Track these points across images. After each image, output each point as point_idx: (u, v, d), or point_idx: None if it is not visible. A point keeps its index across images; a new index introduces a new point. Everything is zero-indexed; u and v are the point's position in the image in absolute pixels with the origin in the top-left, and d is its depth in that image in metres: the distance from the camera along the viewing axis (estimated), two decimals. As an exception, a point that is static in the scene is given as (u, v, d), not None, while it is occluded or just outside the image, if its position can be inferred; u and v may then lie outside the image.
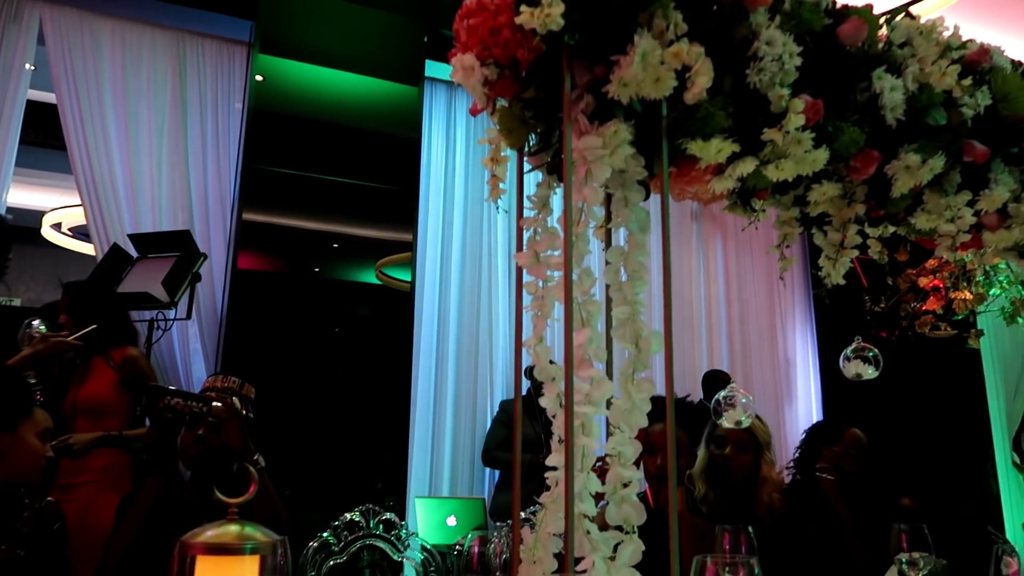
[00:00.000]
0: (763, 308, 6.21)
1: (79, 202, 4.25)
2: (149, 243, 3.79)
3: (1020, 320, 5.28)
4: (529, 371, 1.45)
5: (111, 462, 2.81)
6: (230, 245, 4.39)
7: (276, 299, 6.44)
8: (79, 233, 6.86)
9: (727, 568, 0.93)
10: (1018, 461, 6.31)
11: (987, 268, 4.96)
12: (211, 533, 1.08)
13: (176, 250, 3.64)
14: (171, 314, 3.64)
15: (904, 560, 1.81)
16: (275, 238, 6.79)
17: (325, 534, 2.28)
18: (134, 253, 3.79)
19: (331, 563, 2.21)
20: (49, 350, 2.72)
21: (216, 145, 4.53)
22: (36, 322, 3.03)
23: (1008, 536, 4.95)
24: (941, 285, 5.39)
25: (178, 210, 4.35)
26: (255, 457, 1.78)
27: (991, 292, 5.25)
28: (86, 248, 4.89)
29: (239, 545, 1.01)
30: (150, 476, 1.79)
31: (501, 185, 1.57)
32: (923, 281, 5.45)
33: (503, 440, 4.37)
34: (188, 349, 4.22)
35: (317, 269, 7.72)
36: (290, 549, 1.58)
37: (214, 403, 1.80)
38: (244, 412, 1.88)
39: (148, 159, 4.33)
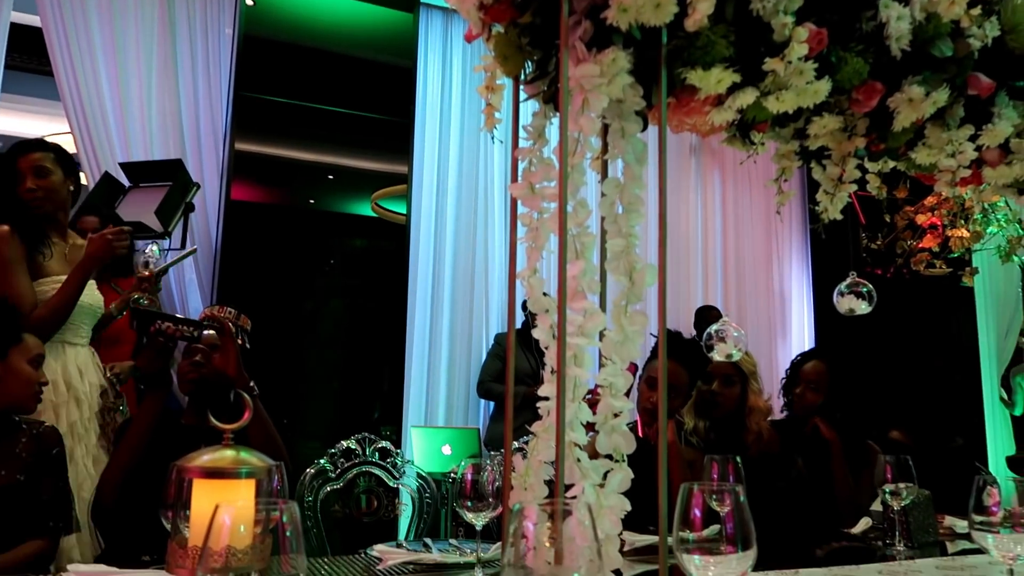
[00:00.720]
0: (759, 243, 6.20)
1: (68, 129, 4.18)
2: (141, 172, 3.74)
3: (1015, 258, 5.30)
4: (525, 304, 1.46)
5: None
6: (223, 175, 4.34)
7: (271, 231, 6.41)
8: (70, 162, 6.76)
9: (713, 495, 0.95)
10: (1005, 397, 6.43)
11: (985, 206, 4.93)
12: (207, 457, 1.10)
13: (168, 179, 3.60)
14: (166, 244, 3.62)
15: (888, 490, 1.86)
16: (269, 169, 6.72)
17: (322, 461, 2.32)
18: (126, 182, 3.75)
19: (328, 489, 2.26)
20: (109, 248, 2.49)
21: (207, 72, 4.43)
22: (151, 247, 3.02)
23: (991, 469, 5.08)
24: (939, 223, 5.38)
25: (169, 139, 4.28)
26: (250, 384, 1.80)
27: (988, 230, 5.24)
28: (77, 177, 4.84)
29: (235, 469, 1.03)
30: (147, 398, 1.81)
31: (497, 115, 1.55)
32: (921, 219, 5.43)
33: (499, 372, 4.42)
34: (184, 280, 4.23)
35: (312, 201, 7.67)
36: (287, 475, 1.62)
37: (207, 330, 1.80)
38: (240, 342, 1.89)
39: (137, 85, 4.25)
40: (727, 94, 1.35)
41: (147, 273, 2.92)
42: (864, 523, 2.15)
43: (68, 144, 4.41)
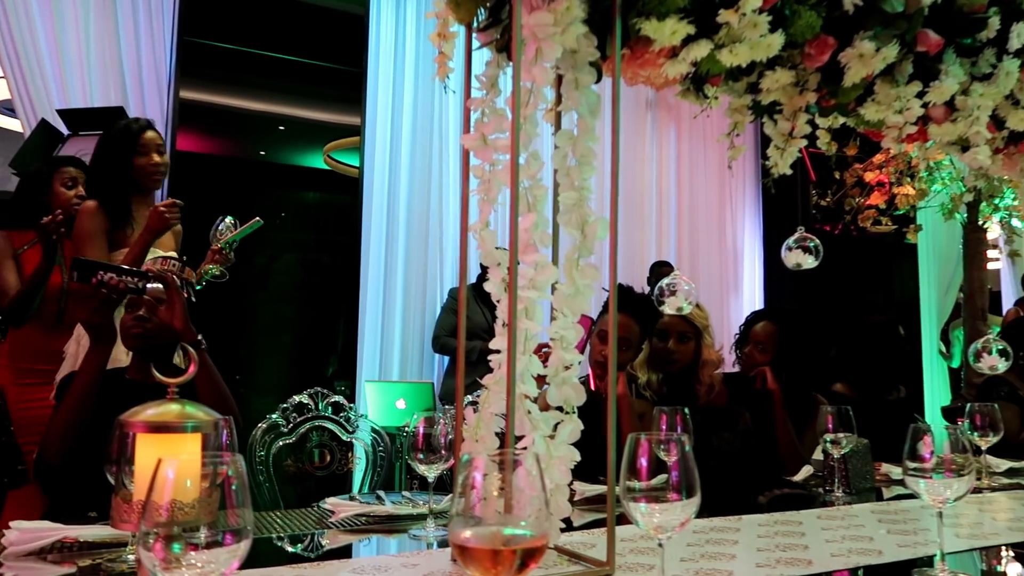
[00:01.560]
0: (713, 199, 6.27)
1: (1, 74, 3.98)
2: (80, 119, 3.59)
3: (958, 216, 5.45)
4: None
5: None
6: (168, 124, 4.19)
7: (220, 182, 6.24)
8: (4, 108, 6.46)
9: (660, 445, 0.97)
10: (944, 350, 6.68)
11: (931, 164, 5.04)
12: (152, 412, 1.07)
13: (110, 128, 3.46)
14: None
15: (829, 439, 1.92)
16: (217, 118, 6.51)
17: (274, 415, 2.30)
18: (64, 130, 3.59)
19: (280, 444, 2.25)
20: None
21: (148, 15, 4.24)
22: (226, 220, 3.12)
23: (928, 418, 5.29)
24: (886, 180, 5.49)
25: (110, 85, 4.11)
26: (198, 338, 1.76)
27: (933, 188, 5.37)
28: (12, 124, 4.61)
29: (180, 423, 1.01)
30: (90, 352, 1.76)
31: (450, 64, 1.52)
32: (869, 176, 5.53)
33: (453, 327, 4.41)
34: (129, 232, 4.10)
35: (263, 153, 7.48)
36: (237, 430, 1.60)
37: (151, 283, 1.75)
38: (186, 295, 1.84)
39: (74, 27, 4.04)
40: (681, 46, 1.35)
41: (217, 246, 3.03)
42: (806, 471, 2.22)
43: (2, 89, 4.22)
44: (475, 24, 1.36)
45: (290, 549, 1.46)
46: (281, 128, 7.08)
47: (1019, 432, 3.04)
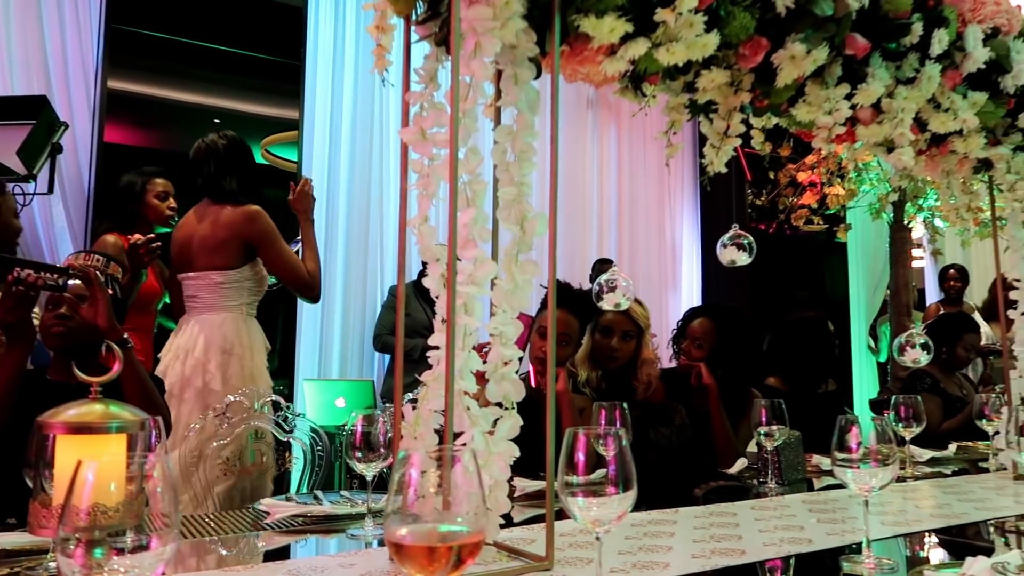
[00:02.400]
0: (653, 198, 6.36)
1: (-87, 59, 3.78)
2: (0, 108, 3.43)
3: (884, 216, 5.66)
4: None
5: None
6: (95, 115, 4.03)
7: (152, 176, 6.04)
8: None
9: (598, 439, 0.97)
10: (872, 345, 6.93)
11: (859, 165, 5.22)
12: (73, 412, 1.03)
13: (32, 117, 3.31)
14: (31, 188, 3.35)
15: (762, 432, 1.97)
16: (148, 109, 6.30)
17: (208, 415, 2.24)
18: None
19: (215, 444, 2.19)
20: None
21: (74, 1, 4.08)
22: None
23: (857, 410, 5.49)
24: (818, 180, 5.66)
25: (33, 73, 3.93)
26: (124, 336, 1.70)
27: (861, 188, 5.57)
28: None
29: (103, 424, 0.97)
30: (6, 352, 1.68)
31: (388, 56, 1.50)
32: (802, 176, 5.70)
33: (392, 324, 4.37)
34: (53, 228, 3.94)
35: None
36: (168, 430, 1.55)
37: (72, 280, 1.68)
38: (111, 292, 1.77)
39: (-6, 12, 3.86)
40: (619, 44, 1.36)
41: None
42: (740, 463, 2.28)
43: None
44: (414, 17, 1.34)
45: (224, 552, 1.43)
46: (216, 121, 6.90)
47: (941, 423, 3.18)
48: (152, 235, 2.89)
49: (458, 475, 0.77)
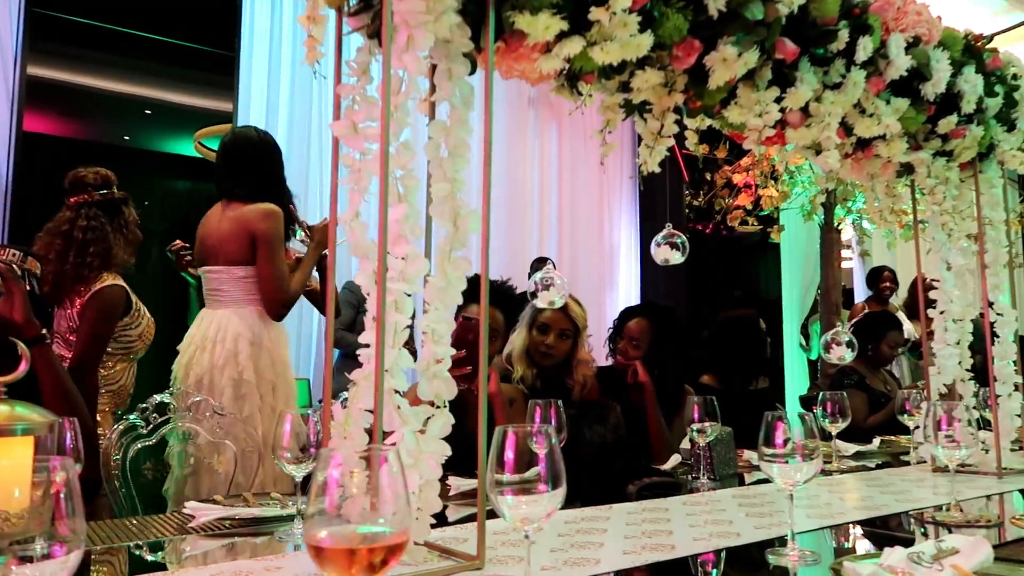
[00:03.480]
0: (593, 197, 6.41)
1: None
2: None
3: (816, 218, 5.83)
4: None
5: None
6: (14, 103, 3.85)
7: (76, 168, 5.81)
8: None
9: (530, 437, 0.97)
10: (804, 343, 7.14)
11: (792, 168, 5.36)
12: (-25, 414, 0.97)
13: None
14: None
15: (695, 428, 2.00)
16: (73, 99, 6.06)
17: (132, 416, 2.16)
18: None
19: (138, 446, 2.12)
20: None
21: (-8, -17, 3.89)
22: None
23: (789, 407, 5.64)
24: (752, 182, 5.79)
25: (-55, 58, 3.74)
26: (43, 332, 1.62)
27: (794, 191, 5.72)
28: None
29: (8, 427, 0.92)
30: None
31: (320, 48, 1.47)
32: (737, 178, 5.82)
33: (351, 321, 4.28)
34: (-31, 220, 3.75)
35: (127, 137, 7.03)
36: (84, 431, 1.48)
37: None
38: (29, 287, 1.69)
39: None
40: (555, 42, 1.36)
41: None
42: (674, 460, 2.31)
43: None
44: (346, 8, 1.32)
45: (149, 558, 1.38)
46: (148, 112, 6.69)
47: (866, 418, 3.29)
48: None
49: (383, 475, 0.75)
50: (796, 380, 7.07)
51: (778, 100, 1.63)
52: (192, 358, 2.63)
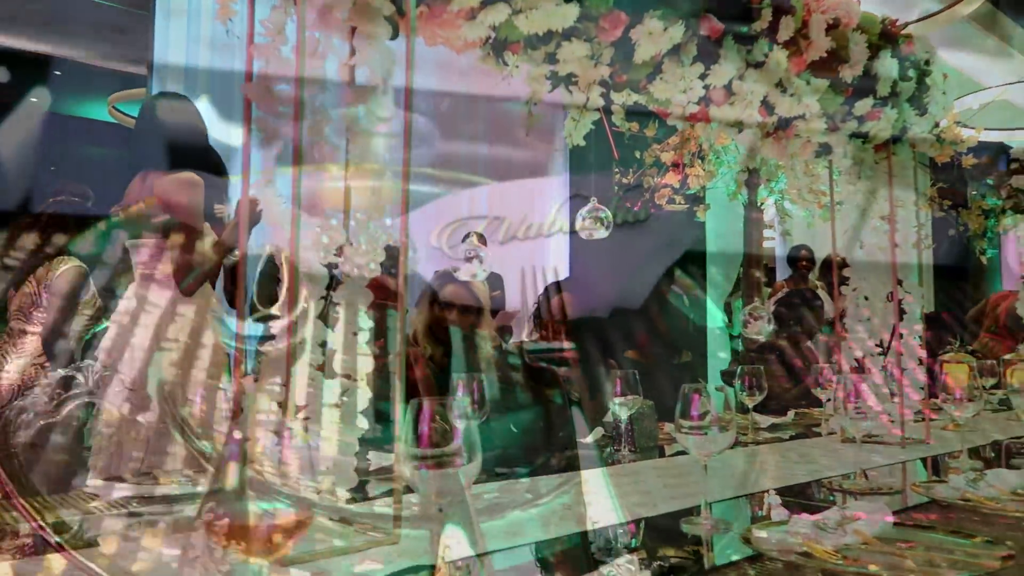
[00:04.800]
0: (525, 172, 6.40)
1: None
2: None
3: (740, 197, 5.96)
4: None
5: None
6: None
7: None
8: None
9: (443, 409, 0.95)
10: (727, 319, 7.33)
11: (718, 148, 5.46)
12: None
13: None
14: None
15: (617, 402, 2.02)
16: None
17: (35, 391, 2.06)
18: None
19: (41, 424, 2.02)
20: None
21: None
22: None
23: (711, 381, 5.79)
24: (680, 161, 5.87)
25: None
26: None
27: (720, 170, 5.83)
28: None
29: None
30: None
31: (234, 6, 1.40)
32: (665, 157, 5.89)
33: (271, 296, 4.16)
34: None
35: (35, 100, 6.65)
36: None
37: None
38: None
39: None
40: (480, 8, 1.33)
41: None
42: (597, 432, 2.34)
43: None
44: (260, -36, 1.26)
45: (54, 539, 1.31)
46: (58, 73, 6.33)
47: (786, 391, 3.40)
48: None
49: (287, 450, 0.73)
50: (717, 356, 7.26)
51: (702, 77, 1.64)
52: (111, 331, 2.52)
